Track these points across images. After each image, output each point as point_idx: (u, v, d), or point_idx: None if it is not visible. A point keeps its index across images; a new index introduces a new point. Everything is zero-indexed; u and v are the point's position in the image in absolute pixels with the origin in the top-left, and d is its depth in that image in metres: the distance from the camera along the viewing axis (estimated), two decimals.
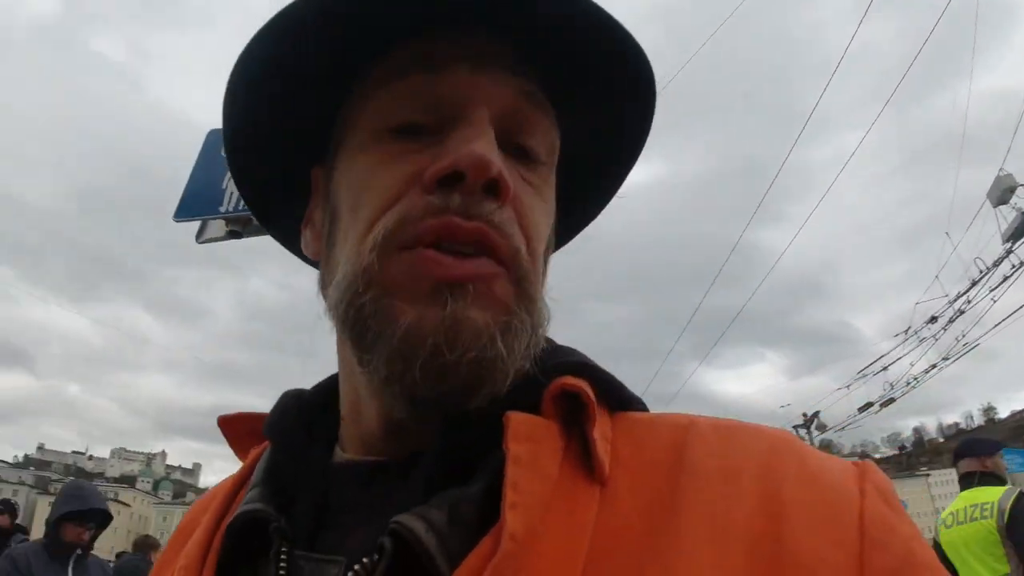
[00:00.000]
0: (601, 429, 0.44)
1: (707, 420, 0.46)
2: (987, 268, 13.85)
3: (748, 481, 0.40)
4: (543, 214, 0.50)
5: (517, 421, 0.42)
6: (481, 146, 0.43)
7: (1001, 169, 13.60)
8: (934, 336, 16.84)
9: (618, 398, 0.49)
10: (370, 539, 0.40)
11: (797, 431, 26.56)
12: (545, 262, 0.52)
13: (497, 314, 0.43)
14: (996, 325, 15.45)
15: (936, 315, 16.54)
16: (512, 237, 0.45)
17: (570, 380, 0.44)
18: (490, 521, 0.38)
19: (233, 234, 2.48)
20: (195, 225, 2.67)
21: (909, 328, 17.77)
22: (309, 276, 0.57)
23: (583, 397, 0.44)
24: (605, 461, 0.42)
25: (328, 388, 0.55)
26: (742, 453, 0.42)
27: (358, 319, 0.44)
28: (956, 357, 16.96)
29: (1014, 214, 13.27)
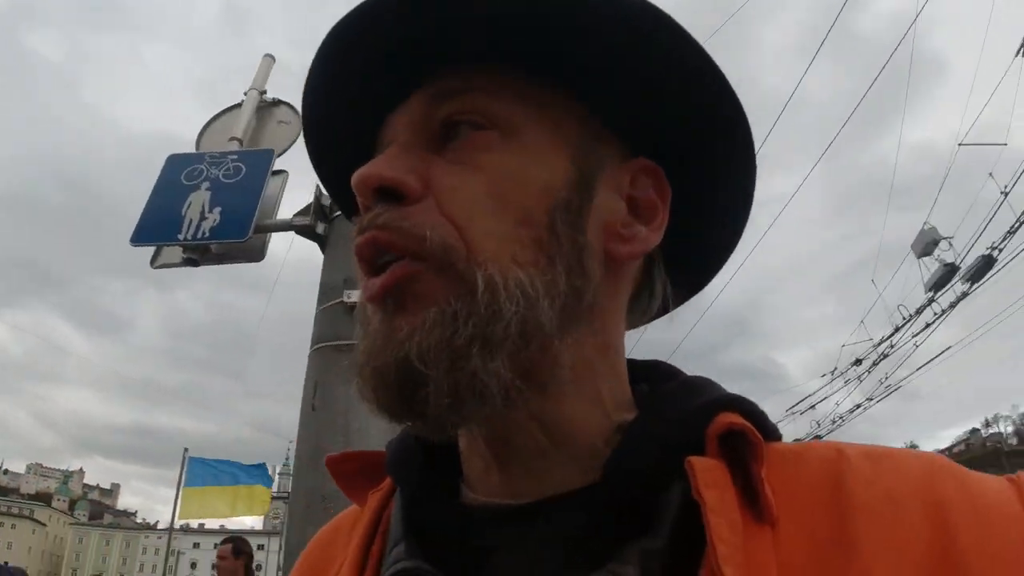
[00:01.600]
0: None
1: (855, 448, 0.44)
2: (910, 315, 14.60)
3: (913, 506, 0.38)
4: (486, 183, 0.45)
5: (702, 467, 0.40)
6: (363, 168, 0.45)
7: (926, 223, 14.49)
8: (859, 377, 17.57)
9: (763, 429, 0.45)
10: None
11: None
12: (551, 225, 0.45)
13: (416, 313, 0.42)
14: (918, 368, 16.23)
15: (861, 358, 17.22)
16: (407, 228, 0.43)
17: (734, 418, 0.43)
18: (687, 573, 0.37)
19: (190, 261, 2.50)
20: (151, 250, 2.68)
21: (835, 369, 18.49)
22: (237, 294, 0.69)
23: (751, 436, 0.42)
24: (773, 501, 0.40)
25: None
26: (900, 478, 0.40)
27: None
28: (880, 398, 17.69)
29: (936, 265, 14.09)
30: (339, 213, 2.44)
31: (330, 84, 0.51)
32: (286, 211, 2.75)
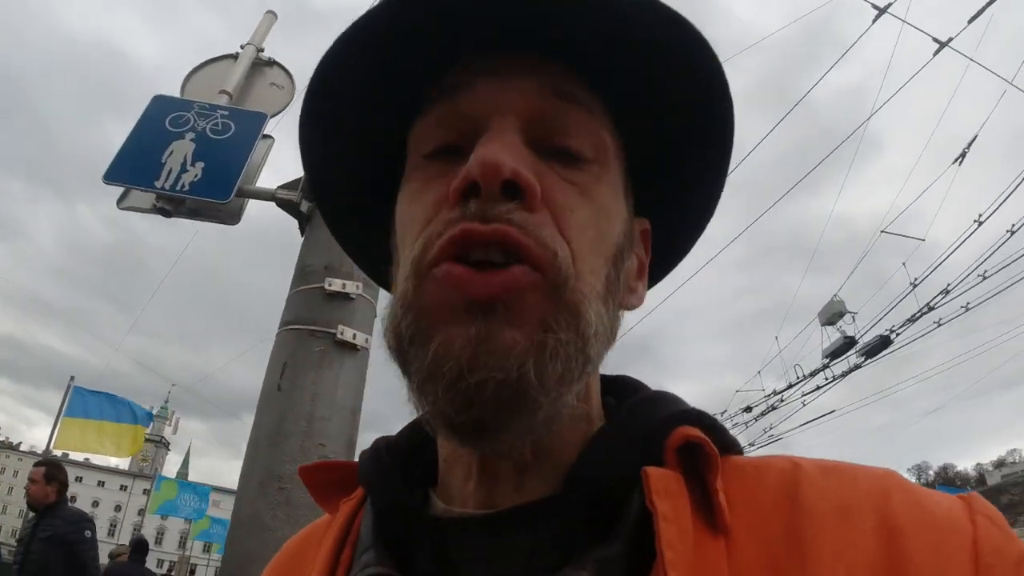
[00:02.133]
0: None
1: (811, 461, 0.45)
2: (804, 376, 15.54)
3: (864, 518, 0.39)
4: (593, 214, 0.46)
5: (656, 476, 0.41)
6: (490, 150, 0.42)
7: (835, 295, 15.50)
8: (746, 423, 18.52)
9: (724, 442, 0.47)
10: None
11: None
12: (617, 270, 0.48)
13: (531, 332, 0.40)
14: (801, 425, 17.30)
15: (751, 405, 18.17)
16: (544, 238, 0.42)
17: (692, 431, 0.44)
18: None
19: (162, 211, 2.44)
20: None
21: (725, 411, 19.37)
22: (143, 217, 0.65)
23: (707, 448, 0.43)
24: (727, 511, 0.41)
25: (414, 435, 0.54)
26: (853, 491, 0.41)
27: (399, 346, 0.43)
28: (761, 445, 18.69)
29: (838, 336, 15.08)
30: None
31: (385, 35, 0.47)
32: (265, 179, 2.74)
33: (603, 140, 0.49)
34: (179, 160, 2.50)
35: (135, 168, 2.49)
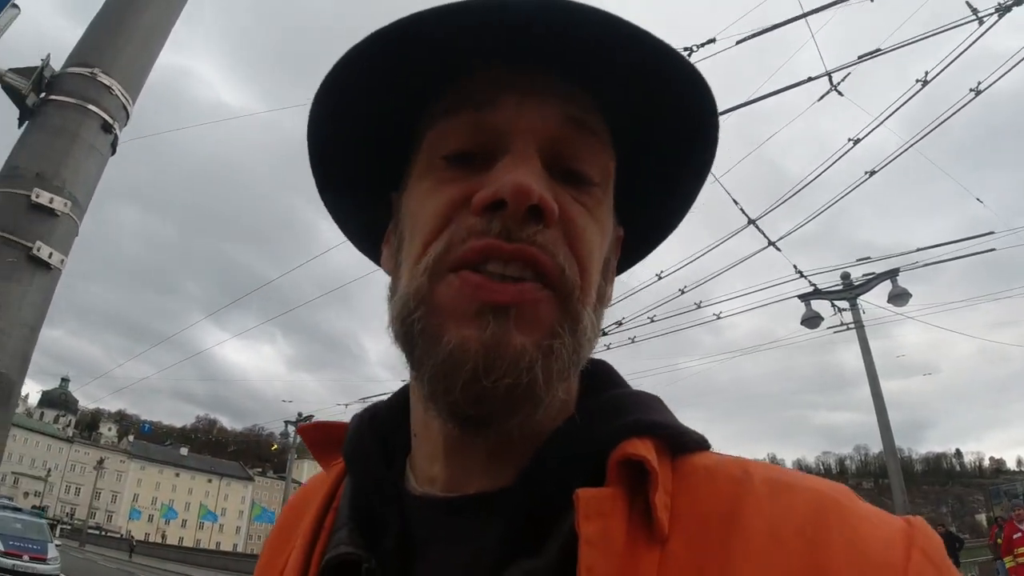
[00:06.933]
0: (664, 484, 0.44)
1: (762, 473, 0.45)
2: None
3: (792, 544, 0.40)
4: (596, 233, 0.50)
5: (586, 499, 0.42)
6: (522, 174, 0.45)
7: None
8: None
9: (680, 443, 0.49)
10: None
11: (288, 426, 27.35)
12: (605, 279, 0.54)
13: (540, 337, 0.44)
14: None
15: None
16: (558, 256, 0.46)
17: (635, 448, 0.45)
18: None
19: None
20: None
21: None
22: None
23: (647, 465, 0.44)
24: (666, 521, 0.42)
25: (401, 402, 0.58)
26: (788, 513, 0.42)
27: (408, 335, 0.47)
28: None
29: None
30: (58, 98, 2.35)
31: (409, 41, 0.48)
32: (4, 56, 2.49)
33: (608, 166, 0.53)
34: None
35: None
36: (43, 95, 2.40)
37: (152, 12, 2.64)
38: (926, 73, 8.09)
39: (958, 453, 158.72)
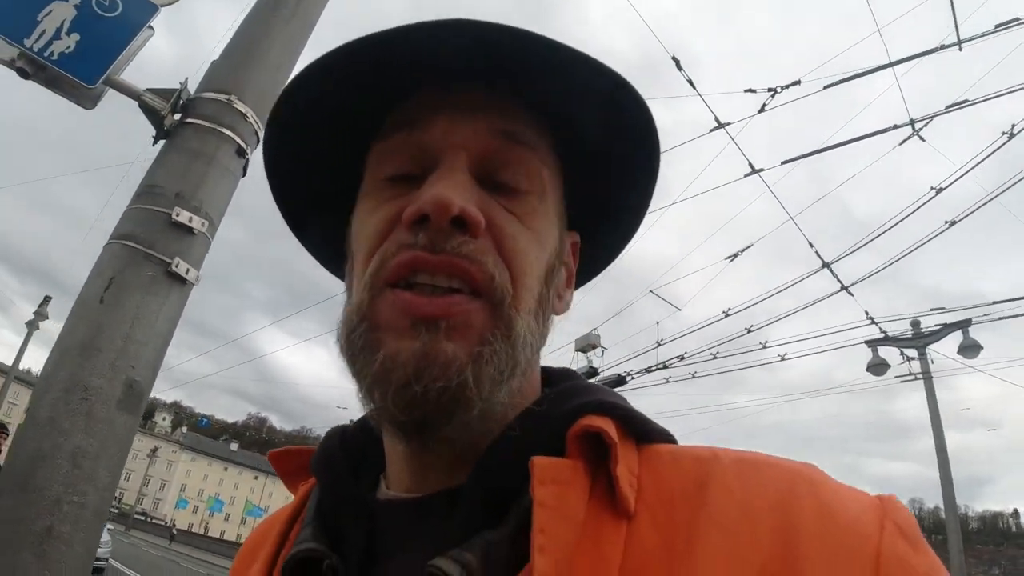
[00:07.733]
0: (628, 464, 0.45)
1: (730, 454, 0.46)
2: None
3: (765, 519, 0.39)
4: (530, 241, 0.51)
5: (541, 465, 0.43)
6: (443, 187, 0.47)
7: (594, 329, 17.17)
8: None
9: (644, 431, 0.49)
10: None
11: None
12: (548, 285, 0.54)
13: (471, 344, 0.45)
14: None
15: None
16: (487, 264, 0.47)
17: (592, 421, 0.45)
18: (523, 561, 0.40)
19: (20, 71, 2.29)
20: None
21: None
22: None
23: (605, 437, 0.44)
24: (630, 496, 0.43)
25: (369, 422, 0.58)
26: (760, 490, 0.41)
27: (351, 350, 0.48)
28: None
29: (585, 363, 16.60)
30: (195, 121, 2.48)
31: (349, 73, 0.50)
32: (133, 73, 2.66)
33: (541, 174, 0.53)
34: (55, 25, 2.36)
35: (8, 18, 2.31)
36: (179, 116, 2.51)
37: (283, 41, 2.77)
38: (1012, 126, 7.85)
39: (1015, 513, 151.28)
